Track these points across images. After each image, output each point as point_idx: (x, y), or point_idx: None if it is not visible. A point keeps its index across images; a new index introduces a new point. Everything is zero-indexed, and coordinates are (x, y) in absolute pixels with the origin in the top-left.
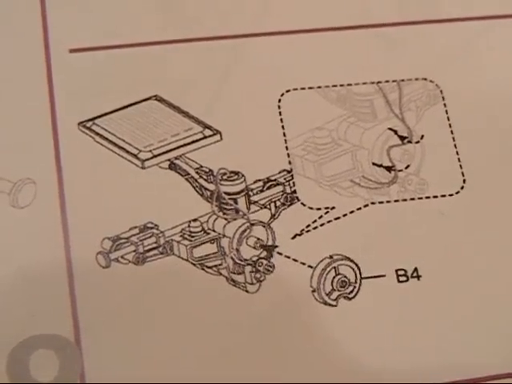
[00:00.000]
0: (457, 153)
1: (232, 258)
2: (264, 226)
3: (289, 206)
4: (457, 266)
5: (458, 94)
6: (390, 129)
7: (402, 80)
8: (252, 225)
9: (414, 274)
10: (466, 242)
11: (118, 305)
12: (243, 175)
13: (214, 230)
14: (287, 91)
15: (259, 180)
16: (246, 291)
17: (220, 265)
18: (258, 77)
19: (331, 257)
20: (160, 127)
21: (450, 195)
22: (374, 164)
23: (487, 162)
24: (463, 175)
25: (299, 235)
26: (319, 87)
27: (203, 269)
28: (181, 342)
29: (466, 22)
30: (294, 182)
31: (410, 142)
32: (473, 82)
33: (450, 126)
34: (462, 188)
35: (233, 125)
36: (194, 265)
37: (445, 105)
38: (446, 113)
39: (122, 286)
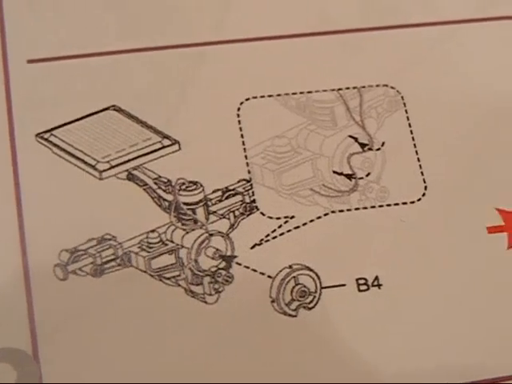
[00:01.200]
0: (418, 159)
1: (190, 269)
2: (223, 236)
3: (248, 215)
4: (418, 274)
5: (419, 100)
6: (351, 136)
7: (363, 86)
8: (211, 235)
9: (375, 283)
10: (426, 250)
11: (76, 317)
12: (202, 185)
13: (172, 241)
14: (247, 99)
15: (218, 190)
16: (205, 302)
17: (178, 276)
18: (218, 85)
19: (291, 266)
20: (118, 137)
21: (412, 202)
22: (334, 172)
23: (449, 168)
24: (424, 182)
25: (258, 245)
26: (279, 95)
27: (161, 280)
28: (140, 353)
29: (427, 27)
30: (253, 192)
31: (370, 149)
32: (434, 87)
33: (411, 132)
34: (424, 195)
35: (192, 134)
36: (152, 276)
37: (406, 111)
38: (408, 119)
39: (80, 299)
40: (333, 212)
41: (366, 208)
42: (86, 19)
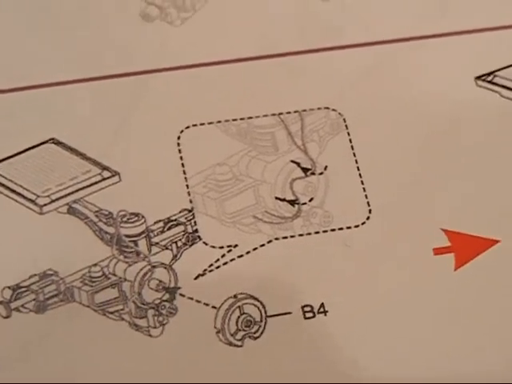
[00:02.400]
0: (362, 182)
1: (134, 302)
2: (166, 268)
3: (191, 245)
4: (364, 299)
5: (361, 122)
6: (293, 161)
7: (304, 110)
8: (153, 267)
9: (321, 310)
10: (373, 274)
11: (19, 354)
12: (143, 216)
13: (114, 275)
14: (187, 127)
15: (160, 220)
16: (150, 335)
17: (122, 310)
18: (158, 114)
19: (235, 296)
20: (58, 171)
21: (356, 226)
22: (276, 198)
23: (393, 190)
24: (369, 205)
25: (202, 275)
26: (219, 122)
27: (105, 314)
28: None
29: (367, 46)
30: (195, 221)
31: (313, 173)
32: (376, 108)
33: (354, 154)
34: (368, 218)
35: (132, 165)
36: (96, 311)
37: (348, 133)
38: (350, 141)
39: (24, 335)
40: (276, 239)
41: (309, 234)
42: (22, 51)
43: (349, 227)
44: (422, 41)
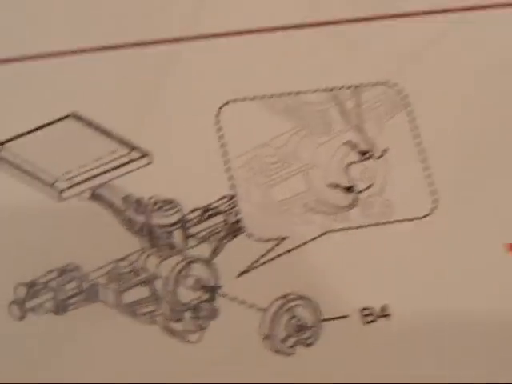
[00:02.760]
0: (426, 168)
1: (168, 303)
2: (204, 263)
3: (233, 238)
4: (431, 300)
5: (425, 99)
6: (348, 142)
7: (360, 85)
8: (190, 262)
9: (383, 313)
10: (440, 273)
11: (35, 362)
12: (178, 204)
13: (145, 270)
14: (227, 103)
15: (197, 209)
16: (187, 341)
17: (154, 311)
18: (194, 88)
19: (285, 297)
20: (79, 151)
21: (420, 218)
22: (330, 185)
23: (462, 177)
24: (434, 194)
25: (246, 272)
26: (264, 97)
27: (135, 316)
28: None
29: (432, 15)
30: (238, 210)
31: (371, 157)
32: (443, 83)
33: (417, 136)
34: (434, 209)
35: (164, 145)
36: (124, 312)
37: (410, 112)
38: (413, 121)
39: (40, 340)
40: (330, 231)
41: (368, 226)
42: (37, 17)
43: (412, 219)
44: (492, 10)
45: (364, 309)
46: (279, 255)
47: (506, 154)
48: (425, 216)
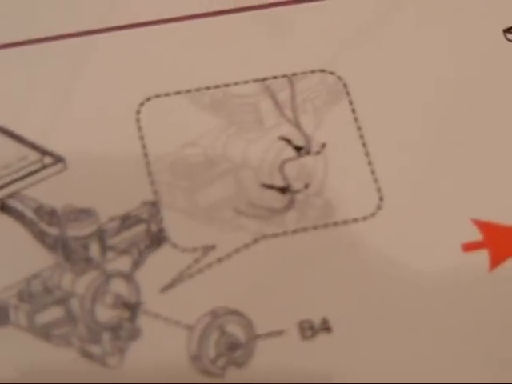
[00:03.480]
0: (369, 162)
1: (85, 323)
2: (125, 278)
3: (156, 248)
4: (378, 310)
5: (366, 87)
6: (282, 138)
7: (294, 74)
8: (109, 277)
9: (323, 326)
10: (386, 279)
11: None
12: (94, 213)
13: (60, 288)
14: (147, 99)
15: (116, 217)
16: (106, 365)
17: (70, 333)
18: (111, 84)
19: (214, 312)
20: None
21: (364, 218)
22: (263, 185)
23: (409, 172)
24: (379, 191)
25: (171, 286)
26: (188, 91)
27: (49, 339)
28: None
29: None
30: (161, 217)
31: (308, 153)
32: (385, 70)
33: (358, 129)
34: (379, 208)
35: (79, 148)
36: (37, 335)
37: (351, 102)
38: (353, 112)
39: None
40: (264, 237)
41: (306, 230)
42: None
43: (355, 219)
44: None
45: (302, 322)
46: (207, 266)
47: (453, 144)
48: (369, 216)
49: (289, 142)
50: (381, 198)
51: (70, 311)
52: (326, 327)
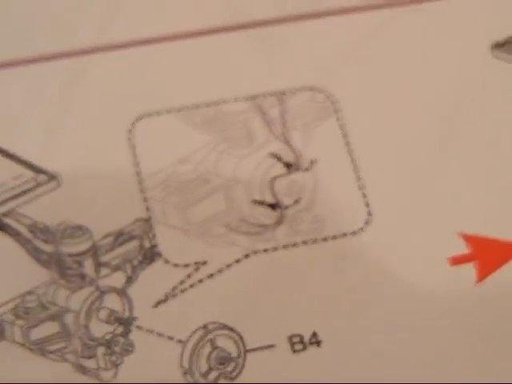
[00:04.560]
0: (358, 178)
1: (80, 338)
2: (118, 294)
3: (148, 264)
4: (365, 325)
5: (355, 104)
6: (272, 155)
7: (284, 92)
8: (103, 293)
9: (313, 340)
10: (374, 293)
11: None
12: (88, 230)
13: (55, 304)
14: (139, 118)
15: (109, 234)
16: (100, 380)
17: (65, 348)
18: (104, 103)
19: (205, 327)
20: None
21: (353, 234)
22: (253, 202)
23: (397, 188)
24: (367, 206)
25: (163, 302)
26: (180, 110)
27: (44, 354)
28: None
29: (360, 12)
30: (153, 234)
31: (297, 169)
32: (373, 87)
33: (347, 145)
34: (367, 223)
35: (73, 166)
36: (32, 350)
37: (339, 119)
38: (342, 129)
39: None
40: (255, 253)
41: (296, 245)
42: None
43: (344, 234)
44: (425, 4)
45: (292, 336)
46: (199, 281)
47: (440, 160)
48: (358, 230)
49: (279, 158)
50: (369, 213)
51: (65, 327)
52: (315, 341)
